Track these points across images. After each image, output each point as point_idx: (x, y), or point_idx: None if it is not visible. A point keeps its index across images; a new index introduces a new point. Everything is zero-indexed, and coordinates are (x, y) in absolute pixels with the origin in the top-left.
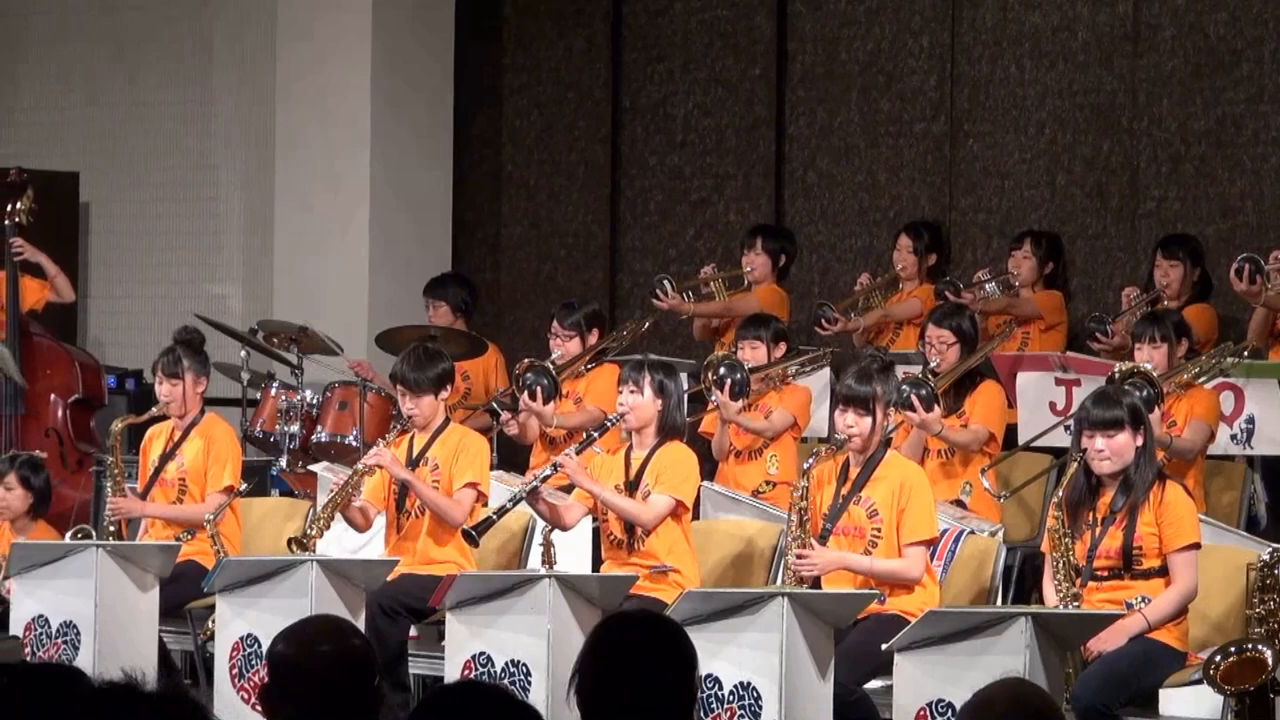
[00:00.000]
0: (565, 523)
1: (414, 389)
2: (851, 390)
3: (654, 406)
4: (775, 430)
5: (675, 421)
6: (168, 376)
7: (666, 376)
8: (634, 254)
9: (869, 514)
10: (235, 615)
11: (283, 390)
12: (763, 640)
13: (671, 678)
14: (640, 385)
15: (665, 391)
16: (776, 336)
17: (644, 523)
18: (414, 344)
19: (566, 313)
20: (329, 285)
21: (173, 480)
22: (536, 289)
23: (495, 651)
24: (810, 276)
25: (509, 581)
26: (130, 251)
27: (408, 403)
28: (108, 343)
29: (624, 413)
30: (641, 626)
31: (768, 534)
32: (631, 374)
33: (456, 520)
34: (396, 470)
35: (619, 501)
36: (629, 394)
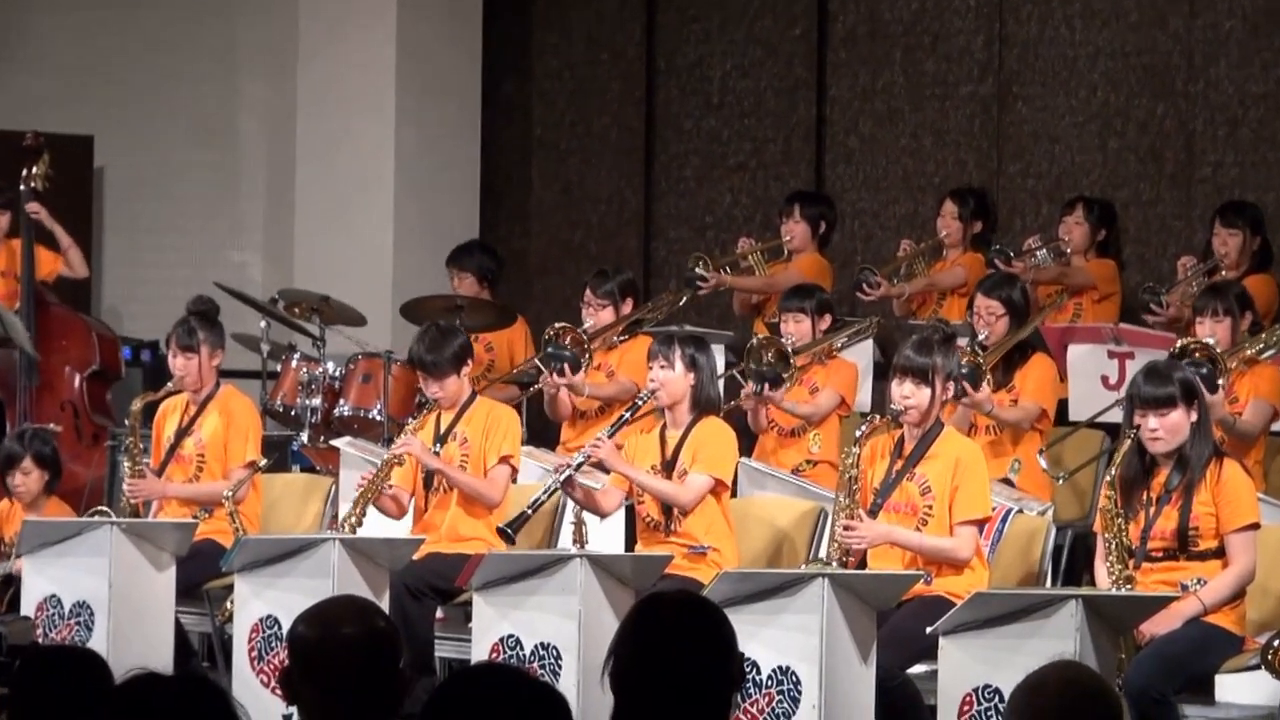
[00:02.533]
0: (603, 509)
1: (434, 371)
2: (910, 360)
3: (686, 381)
4: (822, 414)
5: (710, 396)
6: (182, 350)
7: (698, 350)
8: (668, 221)
9: (922, 490)
10: (254, 595)
11: (304, 362)
12: (802, 622)
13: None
14: (670, 360)
15: (697, 366)
16: (821, 308)
17: (683, 504)
18: (426, 325)
19: (600, 281)
20: (352, 253)
21: (190, 456)
22: (567, 257)
23: (524, 634)
24: (852, 244)
25: (539, 561)
26: (146, 218)
27: (431, 386)
28: (124, 313)
29: (654, 389)
30: (679, 607)
31: (808, 512)
32: (661, 349)
33: (494, 500)
34: (426, 459)
35: (656, 484)
36: (659, 369)
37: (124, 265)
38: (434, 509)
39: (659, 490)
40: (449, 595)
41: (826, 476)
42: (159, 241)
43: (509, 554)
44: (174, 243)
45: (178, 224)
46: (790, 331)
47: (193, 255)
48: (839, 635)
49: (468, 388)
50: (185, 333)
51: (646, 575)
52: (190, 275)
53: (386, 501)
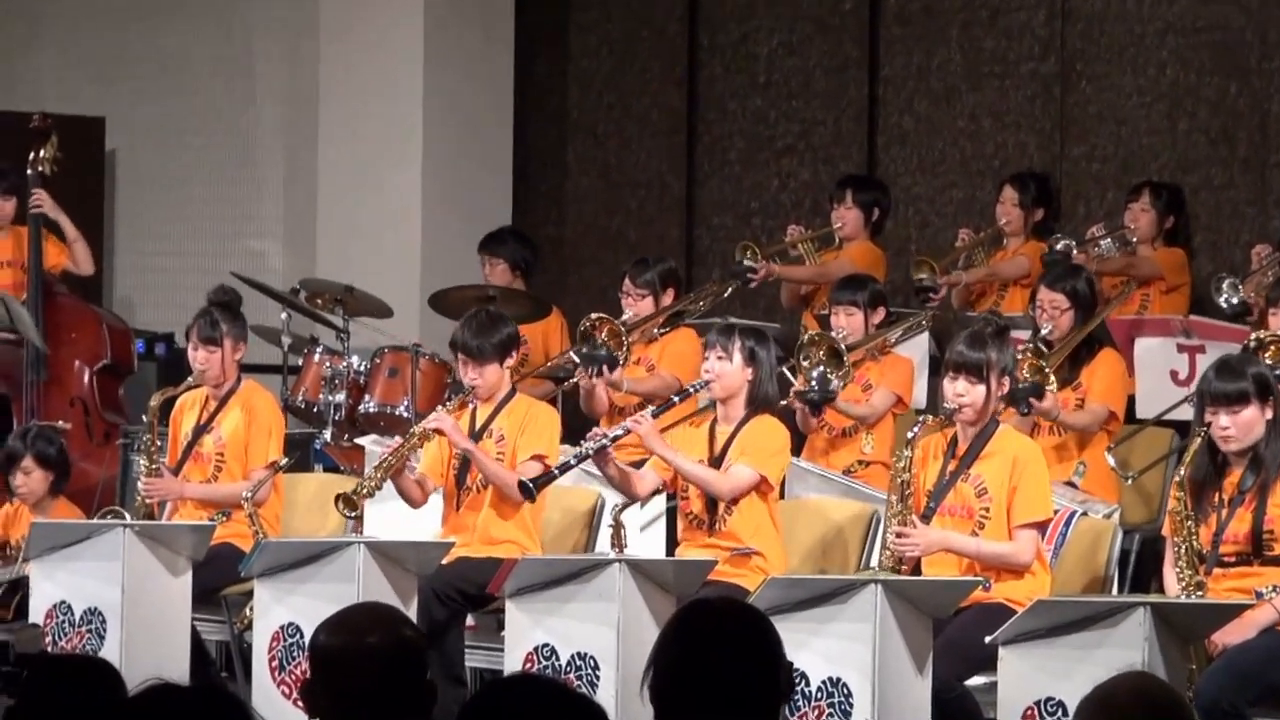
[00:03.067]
0: (637, 491)
1: (476, 357)
2: (964, 356)
3: (743, 375)
4: (878, 414)
5: (767, 394)
6: (204, 342)
7: (759, 344)
8: (712, 207)
9: (978, 492)
10: (275, 602)
11: (327, 356)
12: (854, 631)
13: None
14: (729, 351)
15: (756, 360)
16: (874, 300)
17: (721, 493)
18: (475, 308)
19: (640, 270)
20: (377, 241)
21: (209, 455)
22: (604, 245)
23: (560, 643)
24: (906, 232)
25: (575, 566)
26: (160, 204)
27: (470, 372)
28: (136, 303)
29: (709, 380)
30: (723, 614)
31: (859, 515)
32: (720, 339)
33: (518, 494)
34: (457, 438)
35: (694, 469)
36: (716, 360)
37: (137, 254)
38: (465, 510)
39: (697, 476)
40: (480, 602)
41: (879, 477)
42: (173, 229)
43: (544, 559)
44: (189, 230)
45: (193, 210)
46: (841, 325)
47: (209, 243)
48: (893, 645)
49: (508, 381)
50: (207, 324)
51: (689, 581)
52: (206, 264)
53: (409, 484)
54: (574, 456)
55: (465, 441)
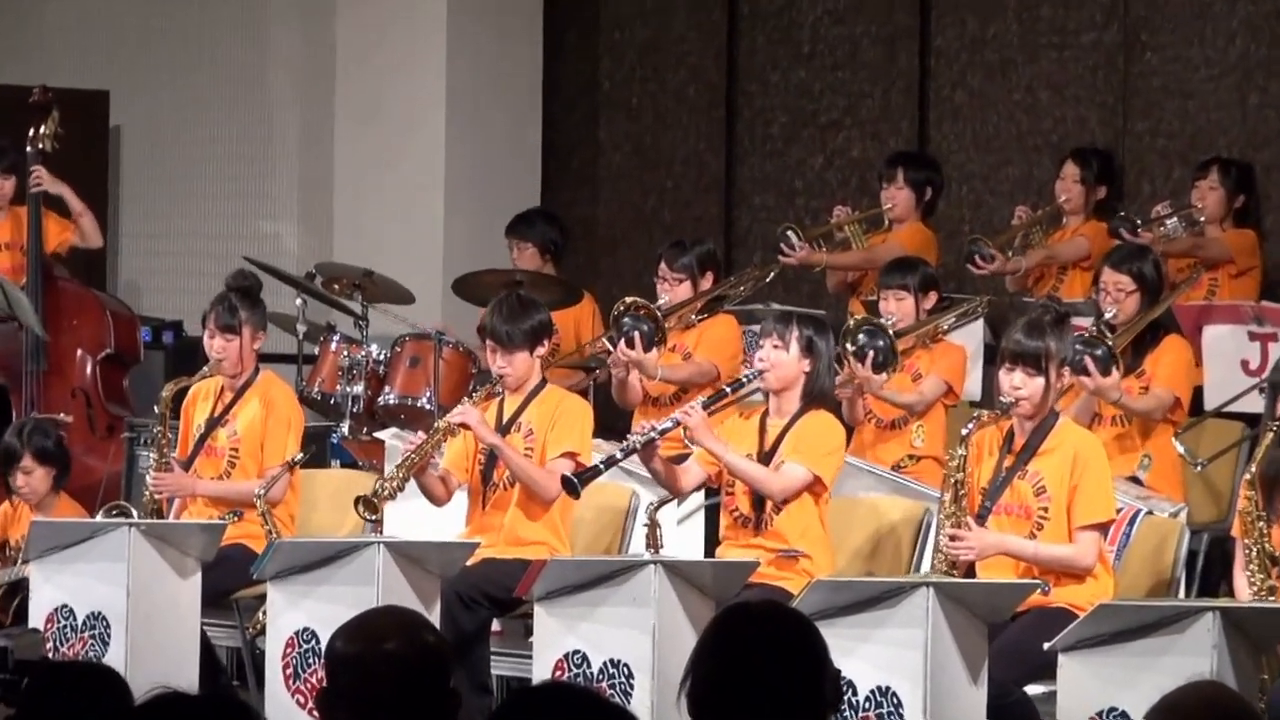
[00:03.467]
0: (680, 487)
1: (506, 344)
2: (1021, 346)
3: (799, 366)
4: (926, 402)
5: (824, 387)
6: (221, 330)
7: (817, 334)
8: (752, 186)
9: (1035, 490)
10: (289, 606)
11: (344, 344)
12: (904, 637)
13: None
14: (786, 340)
15: (814, 351)
16: (925, 284)
17: (771, 492)
18: (505, 292)
19: (676, 252)
20: (398, 223)
21: (222, 450)
22: (638, 227)
23: (591, 649)
24: (959, 212)
25: (608, 568)
26: (168, 183)
27: (498, 360)
28: (142, 289)
29: (763, 369)
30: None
31: (910, 514)
32: (776, 326)
33: (549, 493)
34: (484, 432)
35: (744, 466)
36: (772, 349)
37: (142, 236)
38: (491, 509)
39: (748, 473)
40: (507, 606)
41: (931, 473)
42: (181, 209)
43: (574, 560)
44: (198, 211)
45: (202, 190)
46: (891, 311)
47: (220, 225)
48: (945, 652)
49: (538, 372)
50: (226, 311)
51: (729, 583)
52: (217, 248)
53: (433, 481)
54: (620, 450)
55: (493, 437)
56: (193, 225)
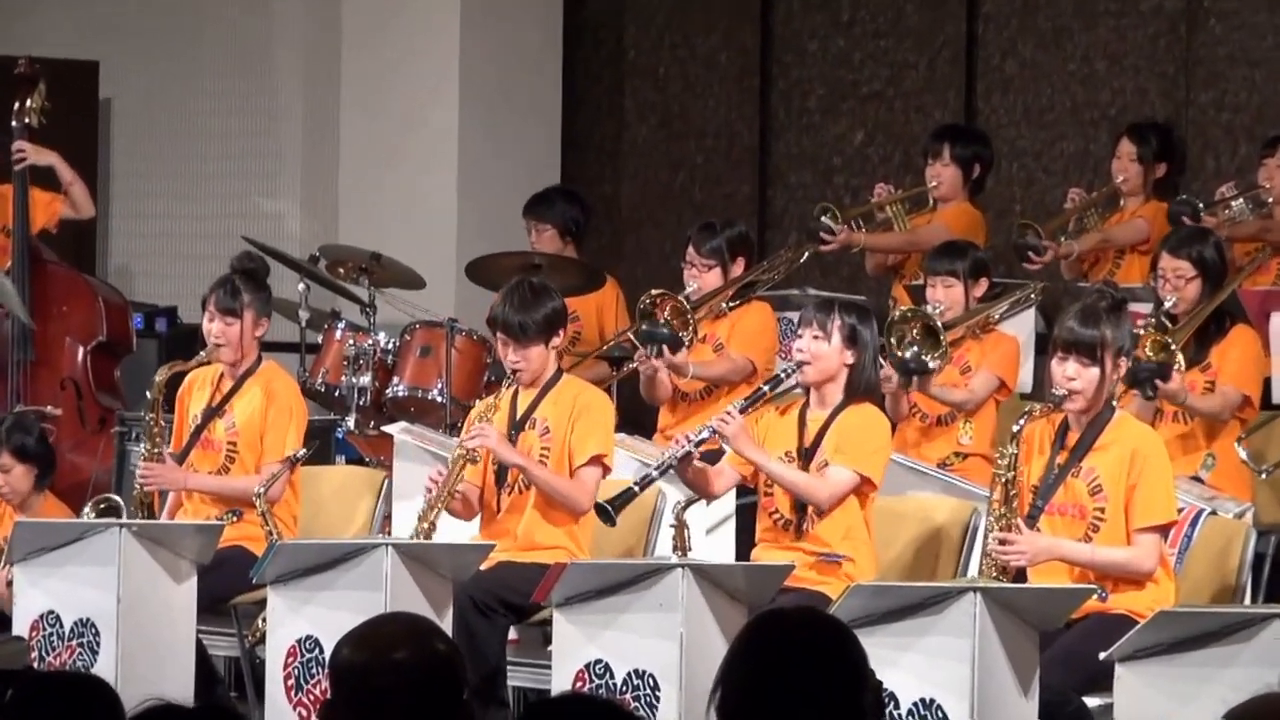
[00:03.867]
0: (713, 490)
1: (519, 337)
2: (1075, 334)
3: (841, 358)
4: (978, 400)
5: (869, 380)
6: (222, 313)
7: (861, 322)
8: (788, 162)
9: (1091, 489)
10: (291, 612)
11: (350, 332)
12: (950, 647)
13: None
14: (827, 330)
15: (858, 341)
16: (976, 271)
17: (818, 501)
18: (515, 279)
19: (705, 236)
20: (408, 202)
21: (219, 443)
22: (666, 206)
23: (615, 659)
24: (1009, 191)
25: (632, 571)
26: (162, 160)
27: (511, 354)
28: (135, 273)
29: (802, 362)
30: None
31: (957, 515)
32: (817, 315)
33: (581, 507)
34: (505, 453)
35: (788, 474)
36: (812, 339)
37: (135, 216)
38: (507, 511)
39: (792, 482)
40: (524, 612)
41: (979, 471)
42: (176, 188)
43: (596, 563)
44: (194, 190)
45: (199, 168)
46: (939, 299)
47: (217, 205)
48: (994, 662)
49: (554, 363)
50: (228, 294)
51: (762, 588)
52: (214, 228)
53: (454, 504)
54: (655, 468)
55: (515, 456)
56: (188, 205)
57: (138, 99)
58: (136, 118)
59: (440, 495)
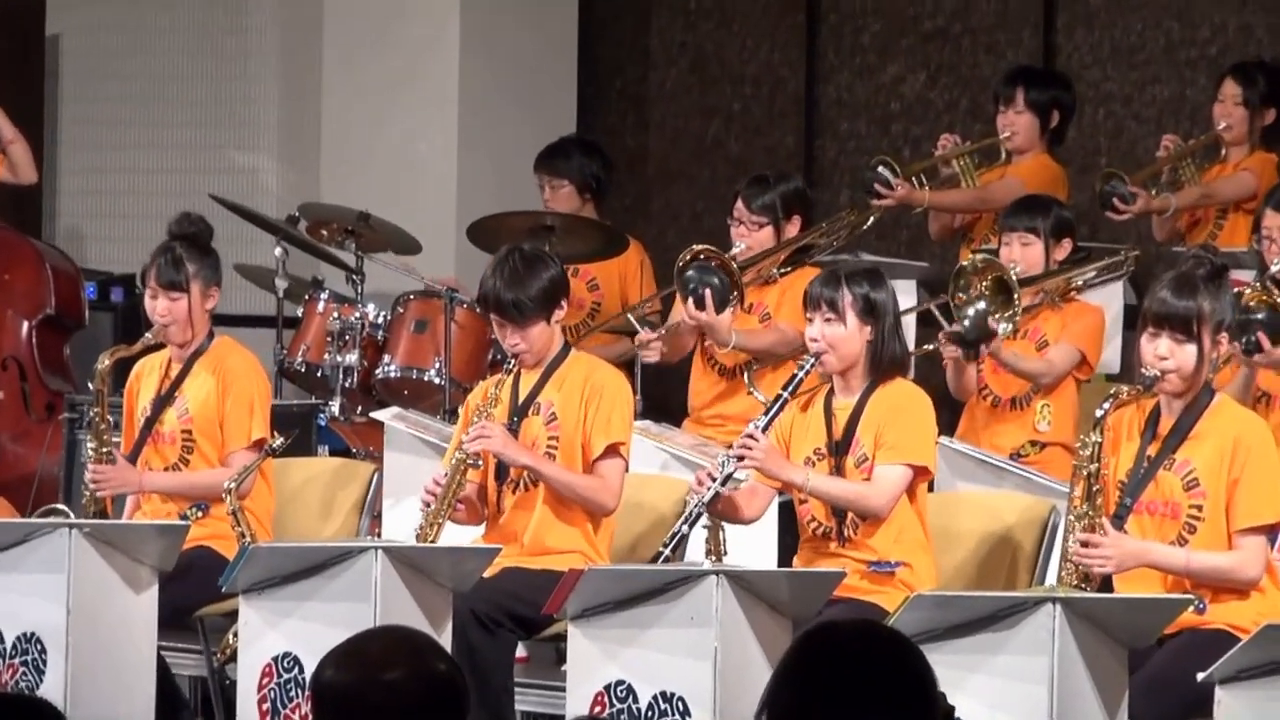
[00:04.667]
0: (745, 516)
1: (517, 318)
2: (1168, 306)
3: (860, 337)
4: (1056, 373)
5: (893, 352)
6: (165, 288)
7: (873, 288)
8: (838, 109)
9: (1186, 484)
10: (267, 626)
11: (334, 304)
12: (1025, 666)
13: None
14: (839, 309)
15: (874, 311)
16: (1059, 229)
17: (874, 509)
18: (504, 249)
19: (757, 190)
20: (401, 154)
21: (172, 434)
22: (699, 159)
23: (639, 680)
24: (1094, 142)
25: (659, 579)
26: (117, 106)
27: (510, 336)
28: (87, 236)
29: (819, 352)
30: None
31: (1032, 513)
32: (823, 292)
33: (606, 506)
34: (513, 455)
35: (835, 489)
36: (822, 324)
37: (87, 171)
38: (512, 510)
39: (842, 498)
40: (534, 626)
41: (1058, 463)
42: (134, 138)
43: (617, 569)
44: (155, 140)
45: (161, 114)
46: (1014, 259)
47: (181, 158)
48: (1076, 684)
49: (559, 339)
50: (169, 264)
51: (809, 598)
52: (179, 184)
53: (458, 515)
54: (684, 522)
55: (525, 456)
56: (148, 158)
57: (89, 38)
58: (88, 57)
59: (441, 509)
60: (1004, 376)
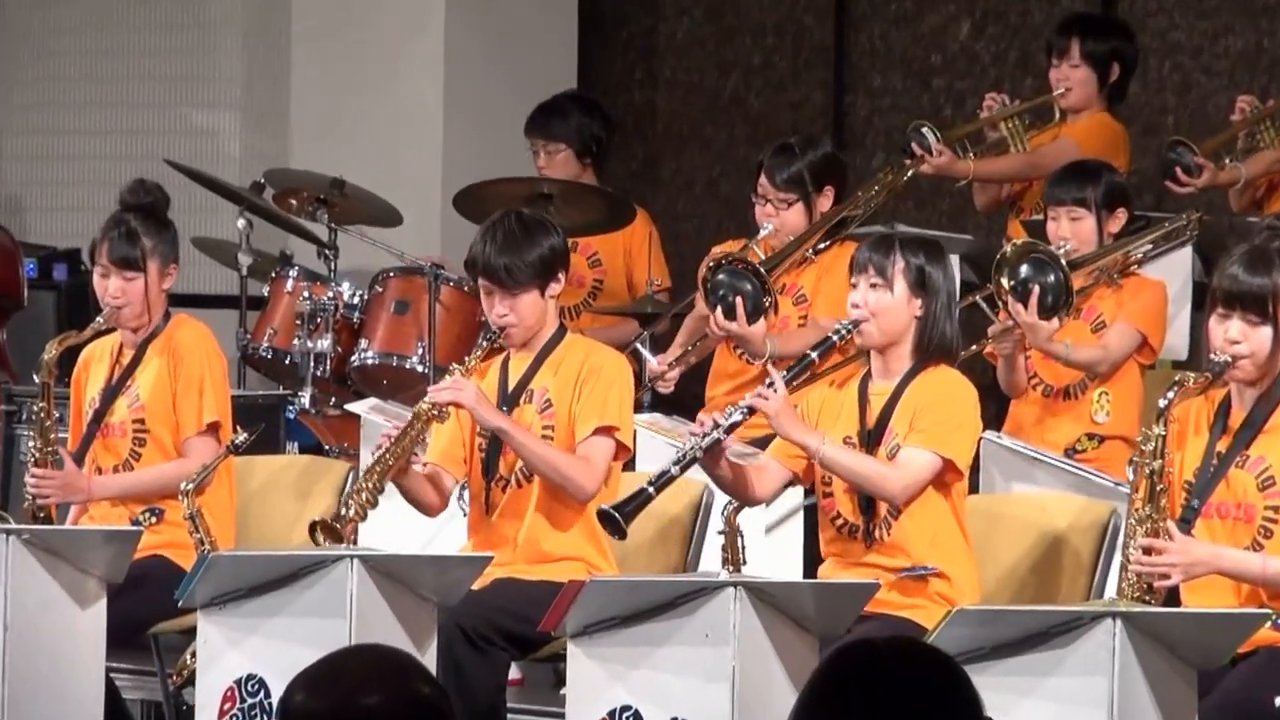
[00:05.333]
0: (757, 493)
1: (506, 282)
2: (1240, 284)
3: (909, 310)
4: (1114, 360)
5: (944, 335)
6: (118, 266)
7: (930, 261)
8: (872, 62)
9: (1261, 484)
10: (229, 645)
11: (305, 283)
12: (1081, 689)
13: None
14: (888, 275)
15: (928, 286)
16: (1111, 198)
17: (890, 493)
18: (501, 213)
19: (782, 163)
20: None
21: (123, 425)
22: (714, 119)
23: (647, 705)
24: (1159, 99)
25: (670, 591)
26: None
27: (498, 306)
28: (29, 207)
29: (859, 320)
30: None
31: (1089, 516)
32: (873, 257)
33: (585, 489)
34: (485, 413)
35: (847, 460)
36: (869, 289)
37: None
38: (503, 511)
39: (853, 470)
40: (529, 645)
41: (1118, 459)
42: (82, 95)
43: (623, 580)
44: (105, 98)
45: (111, 70)
46: (1063, 235)
47: (134, 118)
48: (1139, 707)
49: (553, 318)
50: (122, 239)
51: (838, 613)
52: (130, 148)
53: (417, 483)
54: (676, 462)
55: (498, 417)
56: (97, 118)
57: None
58: (28, 4)
59: (388, 456)
60: (1057, 366)
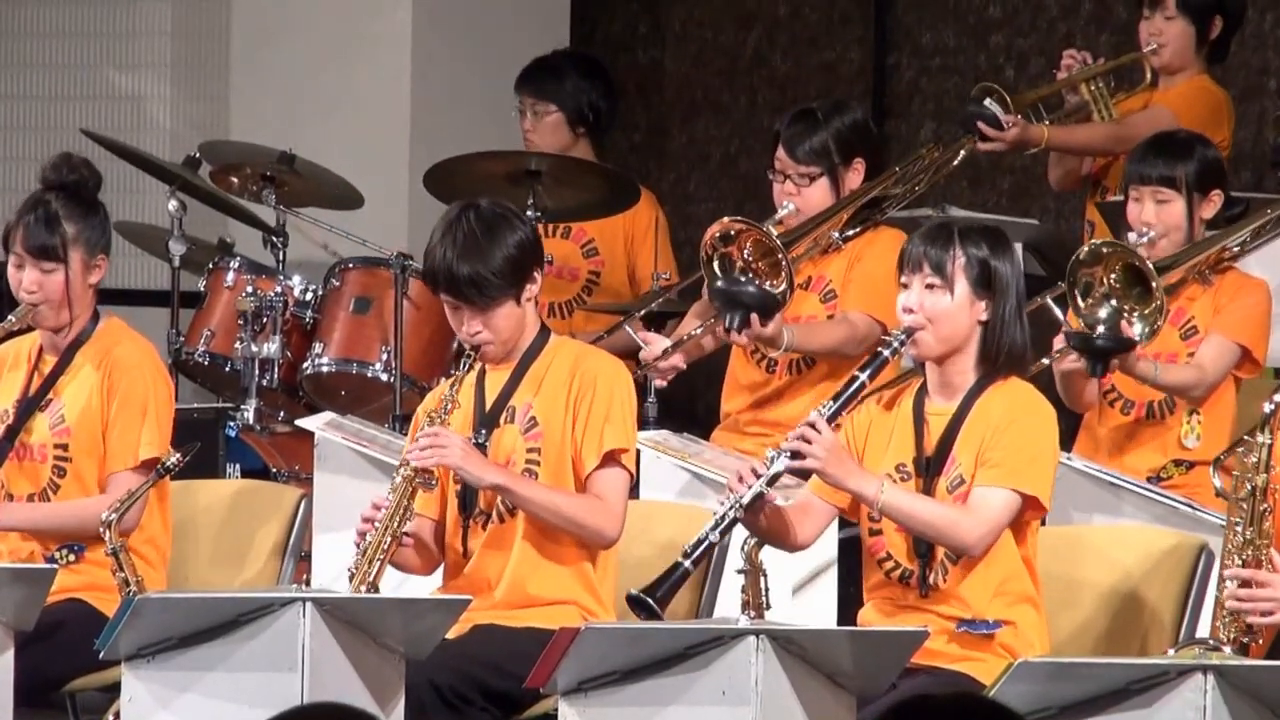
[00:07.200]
0: (797, 539)
1: (476, 299)
2: None
3: (971, 315)
4: (1210, 382)
5: (1014, 343)
6: (35, 255)
7: (995, 253)
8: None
9: None
10: (158, 704)
11: (248, 276)
12: None
13: None
14: (947, 273)
15: (994, 284)
16: (1205, 178)
17: (964, 544)
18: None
19: (802, 131)
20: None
21: (42, 448)
22: (731, 83)
23: None
24: (1261, 59)
25: (680, 641)
26: None
27: (468, 324)
28: None
29: (913, 327)
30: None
31: (1177, 551)
32: (928, 250)
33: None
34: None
35: (914, 509)
36: (924, 290)
37: None
38: (482, 551)
39: (923, 519)
40: (514, 704)
41: (1211, 488)
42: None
43: (622, 628)
44: (17, 58)
45: (23, 25)
46: (1146, 221)
47: (49, 82)
48: None
49: (533, 322)
50: (40, 224)
51: (879, 666)
52: (44, 117)
53: (405, 554)
54: (714, 527)
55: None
56: (11, 83)
57: None
58: None
59: (381, 542)
60: (1137, 382)
